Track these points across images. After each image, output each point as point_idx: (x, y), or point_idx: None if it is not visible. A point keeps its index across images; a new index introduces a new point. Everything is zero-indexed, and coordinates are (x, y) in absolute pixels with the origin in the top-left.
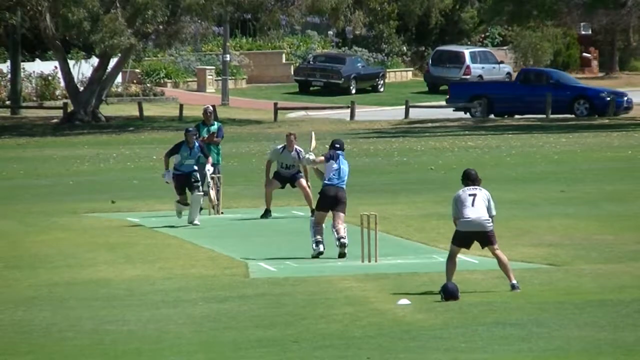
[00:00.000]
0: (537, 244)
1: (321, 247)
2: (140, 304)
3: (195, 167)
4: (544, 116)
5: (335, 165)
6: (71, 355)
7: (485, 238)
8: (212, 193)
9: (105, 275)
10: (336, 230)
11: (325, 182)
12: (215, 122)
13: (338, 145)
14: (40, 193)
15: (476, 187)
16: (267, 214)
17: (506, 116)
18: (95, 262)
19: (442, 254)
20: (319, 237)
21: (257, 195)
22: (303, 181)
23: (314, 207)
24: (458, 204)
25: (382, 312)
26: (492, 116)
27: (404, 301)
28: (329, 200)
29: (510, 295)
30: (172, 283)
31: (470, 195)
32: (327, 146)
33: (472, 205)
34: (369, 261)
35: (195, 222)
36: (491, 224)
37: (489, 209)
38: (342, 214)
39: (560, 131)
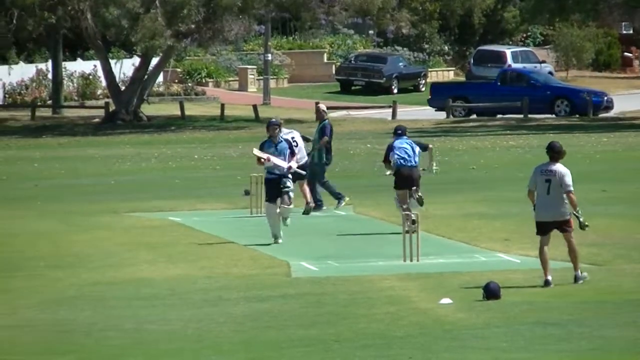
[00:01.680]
0: (578, 244)
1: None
2: (181, 304)
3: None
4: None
5: (399, 149)
6: (113, 355)
7: (561, 225)
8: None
9: (146, 275)
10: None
11: (398, 163)
12: (326, 120)
13: (400, 131)
14: (81, 192)
15: (552, 169)
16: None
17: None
18: (136, 261)
19: (483, 253)
20: (404, 206)
21: (298, 194)
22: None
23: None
24: (538, 184)
25: (423, 312)
26: (474, 116)
27: (445, 300)
28: (405, 180)
29: (551, 295)
30: (213, 282)
31: (546, 181)
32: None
33: (547, 193)
34: (411, 260)
35: (279, 240)
36: (567, 212)
37: (564, 187)
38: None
39: (602, 130)
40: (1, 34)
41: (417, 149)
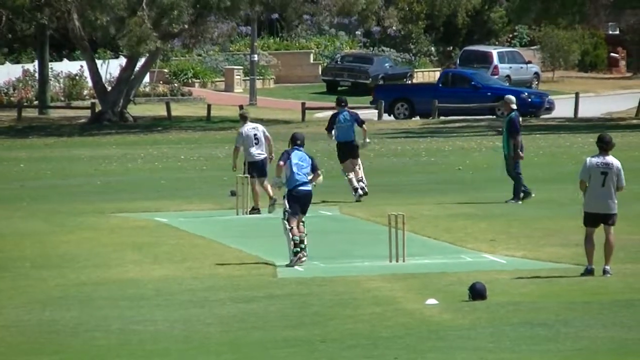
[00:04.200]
0: (565, 244)
1: (359, 192)
2: (167, 304)
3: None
4: (470, 117)
5: (341, 124)
6: (98, 355)
7: (608, 219)
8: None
9: (132, 275)
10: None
11: (339, 138)
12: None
13: (344, 103)
14: (67, 193)
15: (608, 162)
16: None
17: (430, 118)
18: (122, 262)
19: (469, 253)
20: (354, 184)
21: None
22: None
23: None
24: (591, 174)
25: (409, 312)
26: (417, 118)
27: (431, 301)
28: (345, 153)
29: (537, 295)
30: (199, 283)
31: (602, 173)
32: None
33: (603, 185)
34: (397, 261)
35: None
36: (616, 206)
37: (618, 182)
38: (355, 160)
39: (588, 131)
40: None
41: (354, 124)
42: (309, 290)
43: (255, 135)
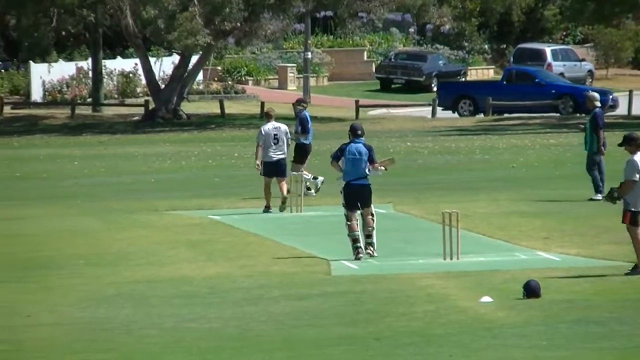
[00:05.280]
0: (618, 242)
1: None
2: (221, 302)
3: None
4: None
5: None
6: (152, 353)
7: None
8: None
9: (186, 273)
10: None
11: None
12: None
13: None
14: (121, 190)
15: None
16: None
17: (495, 115)
18: (176, 259)
19: (523, 251)
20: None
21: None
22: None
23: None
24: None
25: (463, 310)
26: (481, 115)
27: (485, 299)
28: (306, 155)
29: (591, 293)
30: (253, 281)
31: None
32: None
33: None
34: (451, 259)
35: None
36: None
37: None
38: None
39: None
40: (37, 36)
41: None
42: (363, 288)
43: (275, 135)
